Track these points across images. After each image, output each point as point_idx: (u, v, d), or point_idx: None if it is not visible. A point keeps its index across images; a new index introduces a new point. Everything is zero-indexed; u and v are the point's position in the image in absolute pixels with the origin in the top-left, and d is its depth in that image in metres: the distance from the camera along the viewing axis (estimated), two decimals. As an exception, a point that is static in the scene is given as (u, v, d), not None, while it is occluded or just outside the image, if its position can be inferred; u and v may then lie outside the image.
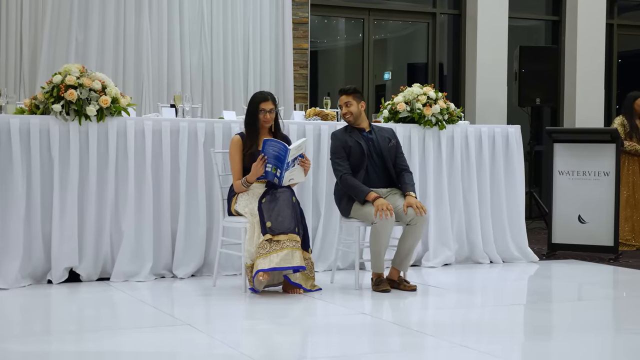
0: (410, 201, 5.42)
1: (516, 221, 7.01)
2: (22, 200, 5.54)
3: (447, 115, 6.74)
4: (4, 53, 8.18)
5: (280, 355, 3.93)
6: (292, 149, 5.28)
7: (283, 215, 5.18)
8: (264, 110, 5.43)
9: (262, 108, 5.43)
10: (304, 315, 4.90)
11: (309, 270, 5.41)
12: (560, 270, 6.73)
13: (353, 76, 10.69)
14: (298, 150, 5.37)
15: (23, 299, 5.19)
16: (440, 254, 6.68)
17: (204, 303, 5.22)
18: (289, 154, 5.28)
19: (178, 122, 6.02)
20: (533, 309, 5.24)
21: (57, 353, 3.91)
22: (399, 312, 5.01)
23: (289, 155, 5.28)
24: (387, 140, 5.70)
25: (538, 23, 11.47)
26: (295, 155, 5.34)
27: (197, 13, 8.93)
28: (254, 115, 5.45)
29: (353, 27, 10.83)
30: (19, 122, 5.57)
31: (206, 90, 8.98)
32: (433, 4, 10.73)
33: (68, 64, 5.86)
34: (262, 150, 5.29)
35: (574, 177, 7.30)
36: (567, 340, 4.28)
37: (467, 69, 10.54)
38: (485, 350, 3.91)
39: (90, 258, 5.74)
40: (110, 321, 4.68)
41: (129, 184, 5.81)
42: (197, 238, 6.01)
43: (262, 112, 5.43)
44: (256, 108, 5.44)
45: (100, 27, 8.49)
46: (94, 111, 5.64)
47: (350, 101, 5.63)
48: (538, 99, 9.33)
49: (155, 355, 3.86)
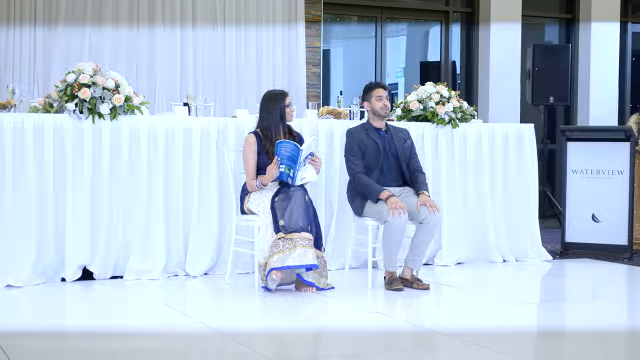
0: (423, 199, 5.42)
1: (529, 220, 6.98)
2: (35, 198, 5.57)
3: (460, 114, 6.72)
4: (18, 52, 8.22)
5: (293, 353, 3.93)
6: (303, 150, 5.30)
7: (296, 213, 5.19)
8: (289, 104, 5.51)
9: (288, 103, 5.48)
10: (316, 314, 4.90)
11: (322, 269, 5.41)
12: (574, 269, 6.70)
13: (366, 75, 10.67)
14: (308, 149, 5.38)
15: (37, 297, 5.21)
16: (453, 252, 6.66)
17: (216, 301, 5.23)
18: (301, 154, 5.29)
19: (191, 120, 6.03)
20: (546, 308, 5.22)
21: (70, 350, 3.92)
22: (411, 310, 5.00)
23: (301, 154, 5.29)
24: (402, 140, 5.70)
25: (552, 21, 11.42)
26: (305, 154, 5.35)
27: (210, 12, 8.95)
28: (282, 111, 5.46)
29: (366, 26, 10.82)
30: (33, 121, 5.59)
31: (219, 88, 8.99)
32: (446, 2, 10.71)
33: (82, 63, 5.88)
34: (276, 152, 5.30)
35: (587, 175, 7.27)
36: (580, 340, 4.26)
37: (480, 68, 10.51)
38: (498, 349, 3.89)
39: (103, 256, 5.76)
40: (122, 319, 4.70)
41: (142, 182, 5.82)
42: (209, 236, 6.01)
43: (288, 106, 5.47)
44: (282, 104, 5.46)
45: (113, 25, 8.52)
46: (107, 109, 5.66)
47: (387, 96, 5.65)
48: (551, 98, 9.29)
49: (168, 353, 3.87)
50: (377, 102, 5.65)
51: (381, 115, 5.64)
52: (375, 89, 5.68)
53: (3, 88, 7.97)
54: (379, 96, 5.65)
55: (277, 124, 5.47)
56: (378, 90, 5.66)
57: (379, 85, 5.70)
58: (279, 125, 5.48)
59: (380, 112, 5.64)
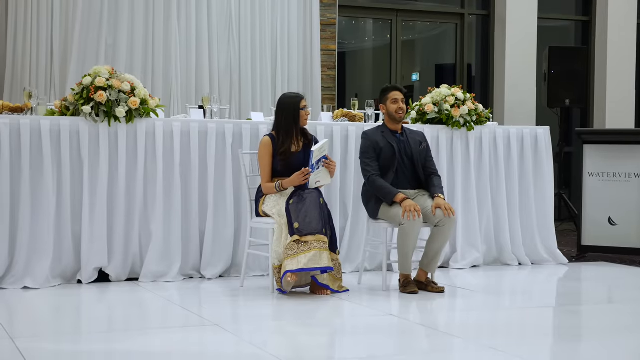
0: (438, 202, 5.41)
1: (545, 223, 6.96)
2: (52, 201, 5.60)
3: (476, 117, 6.71)
4: (35, 56, 8.27)
5: (308, 356, 3.94)
6: (315, 151, 5.30)
7: (311, 216, 5.19)
8: (305, 107, 5.51)
9: (303, 105, 5.49)
10: (331, 317, 4.90)
11: (337, 272, 5.41)
12: (590, 272, 6.67)
13: (381, 77, 10.67)
14: (321, 152, 5.38)
15: (53, 299, 5.24)
16: (469, 255, 6.65)
17: (231, 304, 5.23)
18: (312, 157, 5.29)
19: (206, 123, 6.04)
20: (562, 311, 5.20)
21: (87, 353, 3.94)
22: (426, 313, 4.99)
23: (313, 157, 5.30)
24: (418, 143, 5.68)
25: (568, 23, 11.38)
26: (318, 157, 5.35)
27: (225, 15, 8.98)
28: (297, 114, 5.47)
29: (381, 28, 10.82)
30: (50, 124, 5.63)
31: (234, 91, 9.02)
32: (461, 4, 10.69)
33: (98, 66, 5.92)
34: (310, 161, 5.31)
35: (604, 178, 7.23)
36: (597, 343, 4.24)
37: (495, 70, 10.49)
38: (513, 353, 3.88)
39: (120, 258, 5.79)
40: (139, 321, 4.71)
41: (158, 184, 5.85)
42: (225, 239, 6.03)
43: (303, 109, 5.48)
44: (298, 107, 5.47)
45: (129, 29, 8.57)
46: (123, 112, 5.69)
47: (402, 98, 5.65)
48: (568, 100, 9.25)
49: (184, 355, 3.88)
50: (393, 104, 5.64)
51: (396, 118, 5.64)
52: (391, 92, 5.67)
53: (20, 91, 8.04)
54: (395, 99, 5.64)
55: (292, 127, 5.48)
56: (394, 93, 5.66)
57: (395, 88, 5.70)
58: (294, 128, 5.49)
59: (395, 115, 5.63)
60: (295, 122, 5.49)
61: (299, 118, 5.49)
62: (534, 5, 10.40)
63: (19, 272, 5.49)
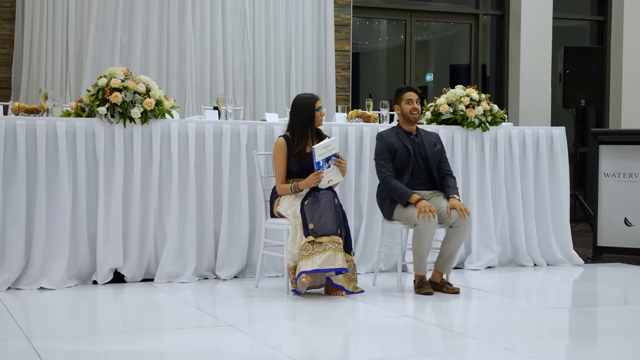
0: (453, 203, 5.40)
1: (561, 224, 6.93)
2: (68, 201, 5.62)
3: (491, 117, 6.69)
4: (50, 57, 8.32)
5: (322, 357, 3.94)
6: (316, 148, 5.28)
7: (325, 217, 5.19)
8: (320, 108, 5.50)
9: (318, 106, 5.48)
10: (346, 317, 4.90)
11: (351, 272, 5.40)
12: (606, 273, 6.64)
13: (395, 78, 10.66)
14: (329, 151, 5.35)
15: (69, 299, 5.26)
16: (484, 256, 6.63)
17: (246, 304, 5.24)
18: (314, 154, 5.28)
19: (221, 124, 6.06)
20: (578, 312, 5.18)
21: (102, 353, 3.96)
22: (441, 314, 4.98)
23: (316, 155, 5.28)
24: (433, 144, 5.66)
25: (583, 23, 11.33)
26: (325, 155, 5.33)
27: (239, 16, 8.99)
28: (312, 115, 5.47)
29: (395, 29, 10.81)
30: (65, 125, 5.65)
31: (249, 92, 9.03)
32: (476, 4, 10.67)
33: (113, 67, 5.94)
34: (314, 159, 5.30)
35: (619, 179, 7.20)
36: (612, 345, 4.22)
37: (510, 71, 10.46)
38: (529, 354, 3.87)
39: (135, 259, 5.80)
40: (154, 322, 4.73)
41: (173, 185, 5.86)
42: (239, 240, 6.04)
43: (318, 110, 5.48)
44: (313, 108, 5.47)
45: (144, 30, 8.60)
46: (138, 114, 5.71)
47: (417, 99, 5.62)
48: (583, 100, 9.21)
49: (198, 356, 3.89)
50: (407, 105, 5.62)
51: (410, 119, 5.62)
52: (405, 92, 5.65)
53: (36, 92, 8.08)
54: (409, 99, 5.62)
55: (307, 128, 5.48)
56: (409, 94, 5.64)
57: (410, 89, 5.67)
58: (308, 129, 5.48)
59: (410, 116, 5.61)
60: (310, 123, 5.49)
61: (314, 119, 5.49)
62: (549, 5, 10.36)
63: (35, 273, 5.52)
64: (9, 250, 5.49)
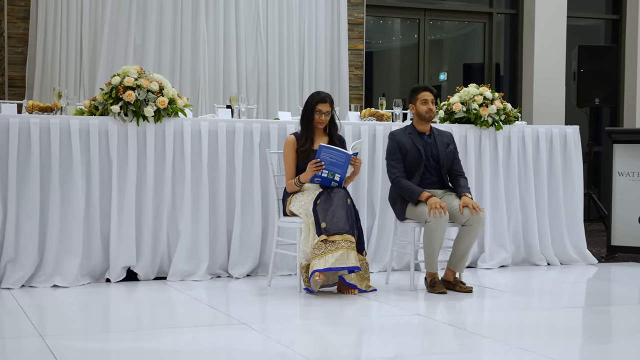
0: (466, 201, 5.38)
1: (574, 223, 6.90)
2: (81, 200, 5.65)
3: (504, 116, 6.67)
4: (64, 56, 8.35)
5: (335, 355, 3.93)
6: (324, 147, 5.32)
7: (338, 216, 5.19)
8: (320, 111, 5.45)
9: (319, 109, 5.45)
10: (358, 316, 4.90)
11: (364, 271, 5.40)
12: (620, 273, 6.61)
13: (408, 77, 10.65)
14: (353, 149, 5.40)
15: (82, 297, 5.28)
16: (497, 255, 6.61)
17: (259, 303, 5.25)
18: (320, 151, 5.29)
19: (234, 122, 6.06)
20: (592, 311, 5.16)
21: (115, 350, 3.97)
22: (454, 313, 4.97)
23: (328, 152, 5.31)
24: (445, 145, 5.63)
25: (597, 22, 11.28)
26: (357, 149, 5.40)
27: (252, 15, 9.00)
28: (310, 114, 5.47)
29: (408, 28, 10.79)
30: (79, 123, 5.67)
31: (262, 91, 9.04)
32: (490, 3, 10.64)
33: (126, 66, 5.95)
34: (318, 155, 5.29)
35: (634, 178, 7.16)
36: (626, 344, 4.20)
37: (524, 69, 10.42)
38: (543, 353, 3.85)
39: (148, 257, 5.82)
40: (167, 320, 4.74)
41: (186, 183, 5.87)
42: (252, 238, 6.04)
43: (317, 112, 5.45)
44: (312, 108, 5.46)
45: (157, 29, 8.63)
46: (151, 112, 5.72)
47: (432, 99, 5.60)
48: (597, 99, 9.16)
49: (211, 354, 3.90)
50: (422, 105, 5.59)
51: (426, 118, 5.59)
52: (421, 92, 5.61)
53: (50, 91, 8.12)
54: (425, 99, 5.59)
55: (308, 126, 5.48)
56: (424, 94, 5.60)
57: (426, 89, 5.63)
58: (307, 129, 5.47)
59: (424, 116, 5.58)
60: (309, 123, 5.48)
61: (312, 119, 5.47)
62: (563, 3, 10.32)
63: (48, 271, 5.55)
64: (23, 248, 5.52)
